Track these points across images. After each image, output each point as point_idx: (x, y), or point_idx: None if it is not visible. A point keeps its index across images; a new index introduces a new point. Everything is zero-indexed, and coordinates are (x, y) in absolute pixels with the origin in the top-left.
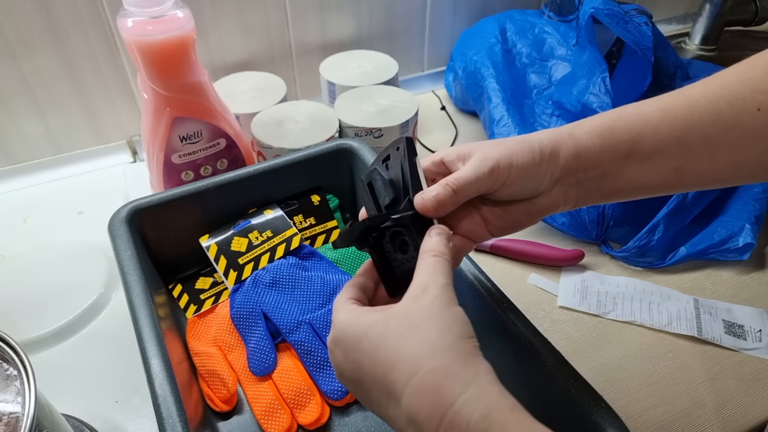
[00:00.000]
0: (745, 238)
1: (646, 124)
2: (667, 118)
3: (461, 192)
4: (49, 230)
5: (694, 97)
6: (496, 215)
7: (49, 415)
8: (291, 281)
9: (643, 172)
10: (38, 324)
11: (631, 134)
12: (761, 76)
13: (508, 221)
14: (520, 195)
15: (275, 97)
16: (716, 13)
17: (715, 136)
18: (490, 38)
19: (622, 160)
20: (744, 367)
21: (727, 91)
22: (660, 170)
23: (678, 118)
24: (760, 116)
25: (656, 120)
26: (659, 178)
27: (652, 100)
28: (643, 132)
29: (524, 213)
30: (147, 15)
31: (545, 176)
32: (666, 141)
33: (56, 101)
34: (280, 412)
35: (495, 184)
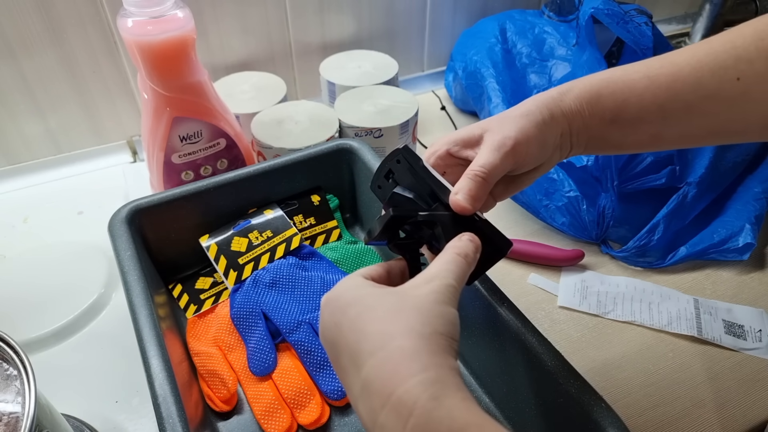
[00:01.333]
0: (745, 238)
1: (632, 92)
2: (651, 86)
3: (491, 179)
4: (49, 230)
5: (679, 65)
6: (501, 187)
7: (49, 415)
8: (291, 281)
9: (622, 136)
10: (38, 324)
11: (617, 102)
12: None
13: (511, 188)
14: (533, 165)
15: (275, 97)
16: (716, 13)
17: (695, 104)
18: (490, 38)
19: (606, 125)
20: (744, 367)
21: (711, 59)
22: (639, 134)
23: (662, 87)
24: (738, 85)
25: (641, 88)
26: (636, 141)
27: (639, 65)
28: (628, 100)
29: (527, 179)
30: (147, 15)
31: (550, 145)
32: (648, 108)
33: (56, 101)
34: (280, 412)
35: (517, 163)
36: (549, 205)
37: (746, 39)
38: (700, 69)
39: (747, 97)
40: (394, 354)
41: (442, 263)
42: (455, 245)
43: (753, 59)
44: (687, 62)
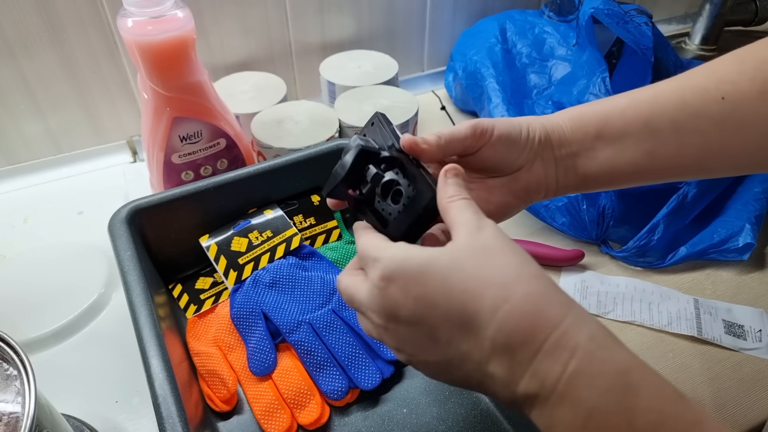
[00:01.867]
0: (745, 238)
1: (613, 109)
2: (633, 104)
3: (445, 137)
4: (49, 230)
5: (659, 87)
6: (481, 200)
7: (49, 415)
8: (291, 281)
9: (613, 153)
10: (38, 324)
11: (599, 117)
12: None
13: (494, 204)
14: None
15: (275, 97)
16: (716, 13)
17: (682, 121)
18: (490, 38)
19: (592, 140)
20: (744, 367)
21: (693, 82)
22: (631, 152)
23: (643, 103)
24: (725, 104)
25: (623, 105)
26: (631, 161)
27: (622, 93)
28: (611, 115)
29: (509, 191)
30: (147, 15)
31: (525, 146)
32: (633, 123)
33: (56, 101)
34: (280, 412)
35: (479, 140)
36: (549, 205)
37: (726, 65)
38: (681, 89)
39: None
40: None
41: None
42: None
43: (735, 81)
44: (668, 85)
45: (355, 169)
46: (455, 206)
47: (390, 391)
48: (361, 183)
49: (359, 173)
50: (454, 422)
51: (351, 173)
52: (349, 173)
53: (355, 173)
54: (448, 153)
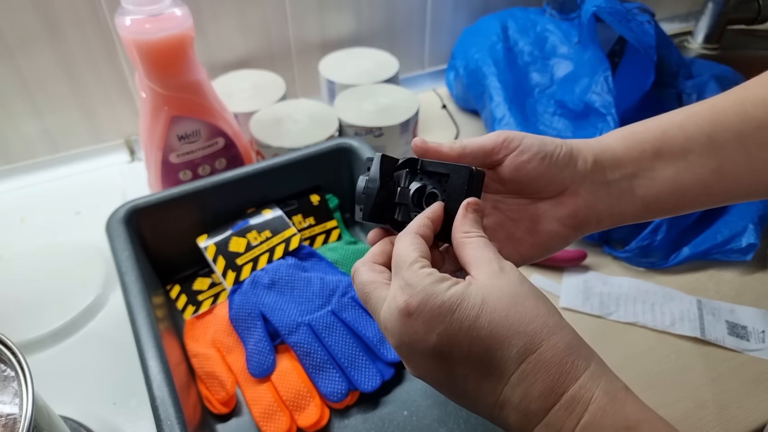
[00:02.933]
0: (749, 238)
1: (670, 124)
2: (691, 118)
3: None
4: (47, 230)
5: (717, 102)
6: (524, 229)
7: (46, 417)
8: (290, 282)
9: (676, 171)
10: (36, 325)
11: (655, 134)
12: None
13: (539, 233)
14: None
15: (274, 95)
16: (719, 12)
17: (748, 134)
18: (491, 36)
19: (650, 159)
20: (747, 368)
21: (750, 94)
22: (696, 170)
23: (703, 118)
24: None
25: (680, 120)
26: (697, 180)
27: (674, 111)
28: (669, 131)
29: (553, 218)
30: (145, 13)
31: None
32: (695, 138)
33: (54, 100)
34: (279, 414)
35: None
36: None
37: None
38: (740, 103)
39: None
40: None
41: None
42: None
43: None
44: (725, 99)
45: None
46: (473, 243)
47: (390, 393)
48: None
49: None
50: (455, 425)
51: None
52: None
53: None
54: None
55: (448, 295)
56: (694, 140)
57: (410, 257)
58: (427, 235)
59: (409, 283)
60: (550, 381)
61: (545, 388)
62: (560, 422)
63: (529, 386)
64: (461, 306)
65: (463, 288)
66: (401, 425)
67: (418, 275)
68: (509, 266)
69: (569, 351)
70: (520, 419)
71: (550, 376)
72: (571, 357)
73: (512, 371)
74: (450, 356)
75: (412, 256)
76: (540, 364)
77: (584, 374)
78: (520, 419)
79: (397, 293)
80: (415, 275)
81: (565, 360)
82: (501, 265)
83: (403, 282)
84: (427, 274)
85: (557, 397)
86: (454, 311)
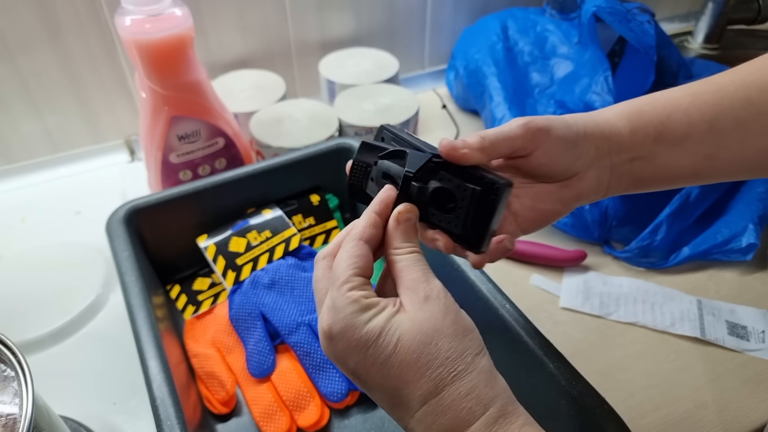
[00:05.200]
0: (749, 238)
1: (675, 107)
2: (696, 102)
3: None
4: (47, 230)
5: (723, 83)
6: (527, 207)
7: (46, 417)
8: (290, 282)
9: (674, 157)
10: (36, 325)
11: (660, 117)
12: None
13: (540, 212)
14: (560, 168)
15: (274, 95)
16: (719, 12)
17: (747, 122)
18: (491, 36)
19: (652, 143)
20: (747, 368)
21: (756, 77)
22: (691, 156)
23: (708, 102)
24: None
25: (685, 104)
26: (690, 164)
27: (680, 87)
28: (673, 115)
29: (558, 199)
30: (145, 13)
31: (581, 153)
32: (696, 125)
33: (54, 100)
34: (279, 414)
35: (530, 142)
36: None
37: None
38: (746, 87)
39: None
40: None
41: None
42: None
43: None
44: (731, 80)
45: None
46: (402, 262)
47: None
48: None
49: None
50: None
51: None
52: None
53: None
54: (494, 155)
55: (366, 329)
56: (695, 126)
57: (343, 275)
58: (372, 238)
59: (335, 307)
60: (446, 426)
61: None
62: None
63: (428, 426)
64: (376, 343)
65: (383, 322)
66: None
67: (344, 300)
68: (435, 292)
69: (468, 397)
70: None
71: (447, 420)
72: (469, 403)
73: (416, 410)
74: (366, 381)
75: (346, 274)
76: (439, 409)
77: (477, 421)
78: None
79: (325, 312)
80: (341, 299)
81: (462, 407)
82: (427, 292)
83: (331, 303)
84: (351, 301)
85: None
86: (369, 347)
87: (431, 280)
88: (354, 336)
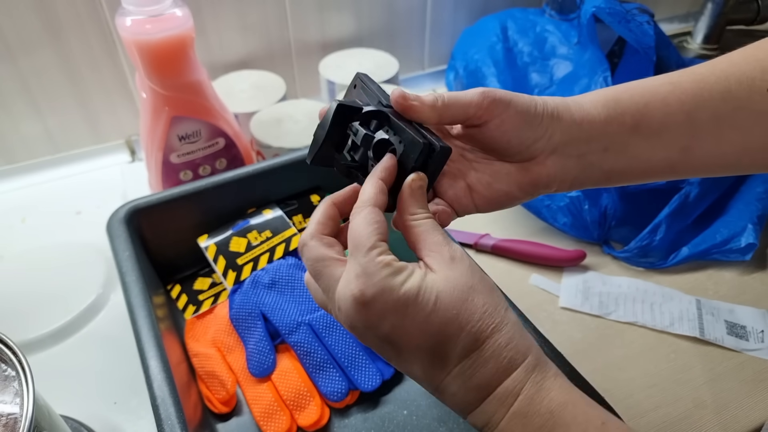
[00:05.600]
0: (748, 238)
1: (654, 96)
2: (675, 91)
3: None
4: (47, 230)
5: (702, 74)
6: (484, 183)
7: (47, 416)
8: (290, 282)
9: (649, 148)
10: (36, 325)
11: (638, 106)
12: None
13: (496, 191)
14: (516, 144)
15: (274, 96)
16: (718, 12)
17: (725, 115)
18: (491, 37)
19: (627, 133)
20: (746, 368)
21: (736, 70)
22: (667, 148)
23: (687, 92)
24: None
25: (664, 93)
26: (665, 157)
27: (660, 76)
28: (651, 104)
29: (514, 182)
30: (146, 13)
31: (545, 133)
32: (674, 116)
33: (54, 101)
34: (279, 413)
35: (486, 112)
36: (551, 205)
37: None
38: (726, 79)
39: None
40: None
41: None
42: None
43: None
44: (710, 72)
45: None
46: (422, 226)
47: (390, 393)
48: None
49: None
50: (455, 424)
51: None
52: (331, 133)
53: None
54: (446, 118)
55: (404, 290)
56: (673, 117)
57: (369, 242)
58: (383, 204)
59: (366, 272)
60: (488, 376)
61: (482, 382)
62: (492, 411)
63: (467, 379)
64: (416, 301)
65: (419, 282)
66: (401, 424)
67: (376, 265)
68: (459, 253)
69: (508, 347)
70: (457, 404)
71: (487, 371)
72: (510, 353)
73: (455, 365)
74: (399, 343)
75: (371, 240)
76: (480, 361)
77: (518, 368)
78: (457, 404)
79: (352, 279)
80: (372, 264)
81: (503, 356)
82: (452, 253)
83: (360, 269)
84: (384, 265)
85: (491, 389)
86: (409, 306)
87: (452, 243)
88: (392, 297)
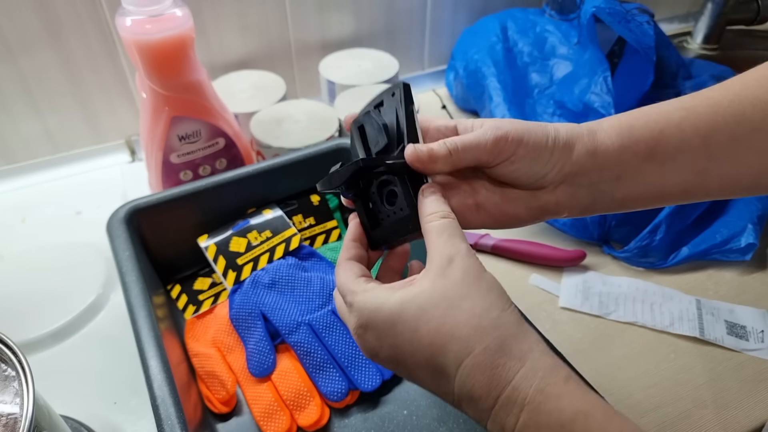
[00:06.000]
0: (747, 238)
1: (668, 122)
2: (689, 117)
3: (456, 153)
4: (47, 230)
5: (715, 98)
6: (492, 203)
7: (47, 417)
8: (290, 282)
9: (664, 174)
10: (36, 325)
11: (653, 132)
12: None
13: (503, 212)
14: (525, 179)
15: (274, 96)
16: (718, 12)
17: (742, 137)
18: (491, 37)
19: (641, 161)
20: (746, 368)
21: (749, 93)
22: (682, 172)
23: (701, 117)
24: None
25: (678, 118)
26: (681, 182)
27: (672, 101)
28: (665, 130)
29: (523, 206)
30: (146, 13)
31: (554, 166)
32: (690, 141)
33: (54, 101)
34: (279, 413)
35: (498, 156)
36: None
37: None
38: (740, 102)
39: None
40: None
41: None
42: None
43: None
44: (723, 96)
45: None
46: (434, 229)
47: (390, 393)
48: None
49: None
50: (455, 424)
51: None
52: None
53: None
54: (459, 166)
55: (388, 307)
56: (689, 142)
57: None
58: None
59: (352, 303)
60: (486, 383)
61: (483, 390)
62: (502, 422)
63: (470, 388)
64: (401, 318)
65: (400, 298)
66: (401, 424)
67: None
68: (461, 254)
69: (502, 352)
70: (474, 414)
71: (484, 378)
72: (503, 359)
73: (454, 375)
74: (404, 362)
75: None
76: (474, 368)
77: (517, 375)
78: (474, 414)
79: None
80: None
81: (496, 363)
82: (450, 255)
83: (349, 305)
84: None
85: (495, 399)
86: (396, 324)
87: (456, 243)
88: (379, 319)
